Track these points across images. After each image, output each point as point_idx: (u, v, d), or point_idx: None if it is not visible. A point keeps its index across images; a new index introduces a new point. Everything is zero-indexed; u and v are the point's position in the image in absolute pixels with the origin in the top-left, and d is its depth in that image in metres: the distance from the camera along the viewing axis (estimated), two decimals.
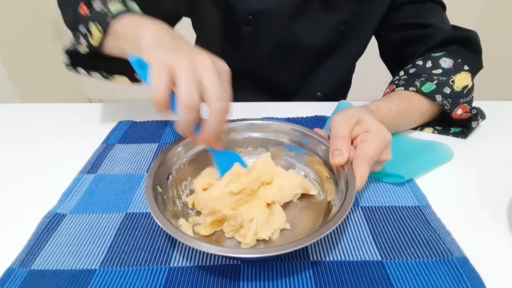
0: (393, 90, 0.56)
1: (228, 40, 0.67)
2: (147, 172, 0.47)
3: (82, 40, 0.47)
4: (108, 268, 0.33)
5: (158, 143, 0.53)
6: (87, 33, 0.47)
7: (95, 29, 0.46)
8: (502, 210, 0.41)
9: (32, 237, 0.36)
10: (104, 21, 0.45)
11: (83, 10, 0.49)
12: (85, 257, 0.34)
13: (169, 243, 0.36)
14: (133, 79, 0.52)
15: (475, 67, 0.58)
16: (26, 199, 0.43)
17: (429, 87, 0.54)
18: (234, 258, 0.34)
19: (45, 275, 0.32)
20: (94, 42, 0.46)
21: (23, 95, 1.55)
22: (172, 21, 0.68)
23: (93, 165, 0.48)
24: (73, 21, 0.50)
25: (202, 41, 0.76)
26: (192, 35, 0.67)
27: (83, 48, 0.48)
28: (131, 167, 0.48)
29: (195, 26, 0.75)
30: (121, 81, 0.52)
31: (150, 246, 0.36)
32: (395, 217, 0.39)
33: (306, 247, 0.35)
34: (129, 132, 0.56)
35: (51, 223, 0.38)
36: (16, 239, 0.36)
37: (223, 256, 0.34)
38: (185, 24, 0.73)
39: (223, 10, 0.63)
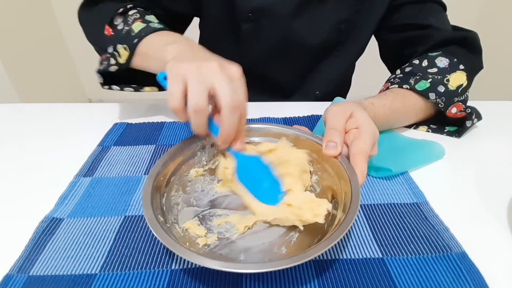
0: (388, 88, 0.57)
1: (229, 38, 0.67)
2: (145, 174, 0.46)
3: (111, 60, 0.52)
4: (108, 272, 0.33)
5: (155, 145, 0.53)
6: (116, 53, 0.51)
7: (122, 50, 0.50)
8: (499, 207, 0.41)
9: (30, 242, 0.36)
10: (131, 43, 0.50)
11: (108, 31, 0.54)
12: (84, 262, 0.34)
13: None
14: (162, 88, 0.54)
15: (473, 67, 0.58)
16: (22, 203, 0.42)
17: (423, 85, 0.55)
18: (237, 273, 0.33)
19: (44, 280, 0.32)
20: (122, 60, 0.51)
21: (23, 95, 1.53)
22: (184, 22, 0.71)
23: (90, 168, 0.47)
24: (99, 41, 0.56)
25: (205, 40, 0.76)
26: (193, 34, 0.67)
27: (113, 67, 0.52)
28: (129, 169, 0.47)
29: (200, 24, 0.76)
30: (150, 91, 0.57)
31: (150, 249, 0.35)
32: (394, 214, 0.40)
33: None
34: (125, 134, 0.56)
35: (49, 228, 0.37)
36: (13, 244, 0.35)
37: (225, 271, 0.32)
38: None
39: (224, 7, 0.63)
